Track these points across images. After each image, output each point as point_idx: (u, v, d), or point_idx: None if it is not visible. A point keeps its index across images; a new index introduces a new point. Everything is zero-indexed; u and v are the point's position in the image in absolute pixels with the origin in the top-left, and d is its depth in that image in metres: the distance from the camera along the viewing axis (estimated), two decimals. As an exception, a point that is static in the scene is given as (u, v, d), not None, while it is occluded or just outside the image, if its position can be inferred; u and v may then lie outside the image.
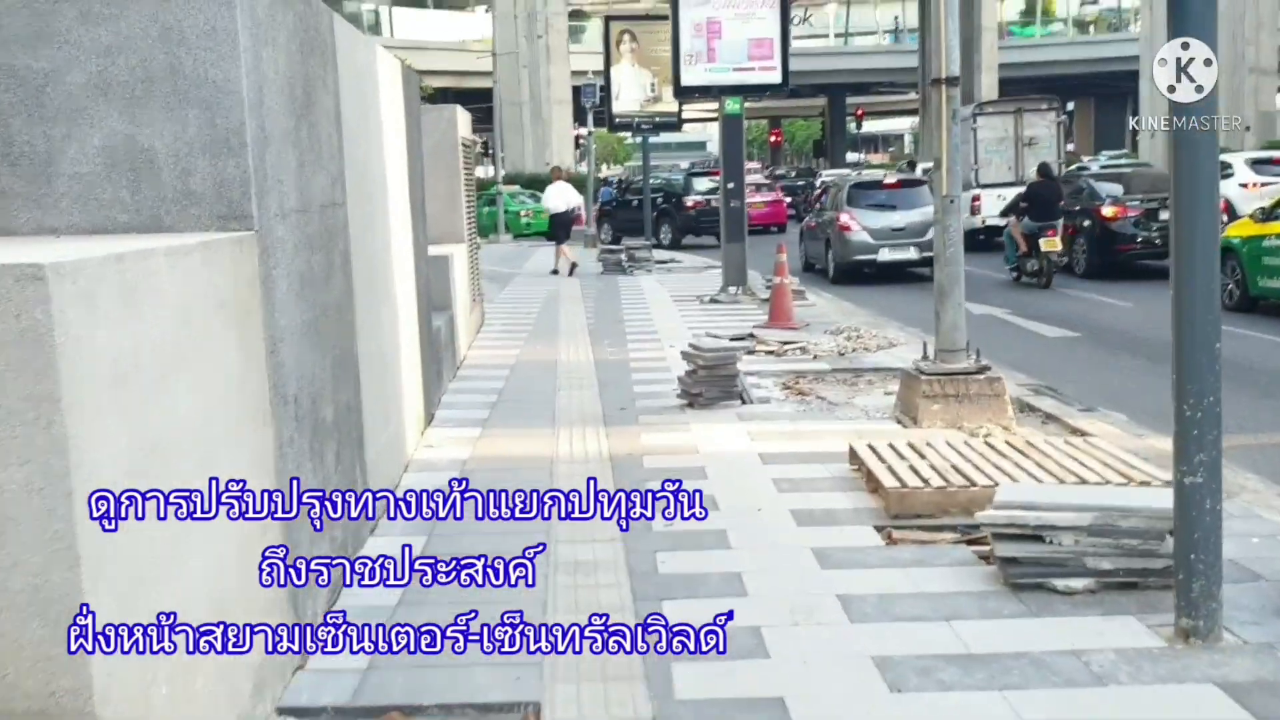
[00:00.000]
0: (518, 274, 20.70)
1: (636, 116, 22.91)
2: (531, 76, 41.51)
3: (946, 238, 7.49)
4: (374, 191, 5.87)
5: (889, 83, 60.87)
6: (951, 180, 7.44)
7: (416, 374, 7.18)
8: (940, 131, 7.35)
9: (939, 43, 7.30)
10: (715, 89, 14.77)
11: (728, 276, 15.30)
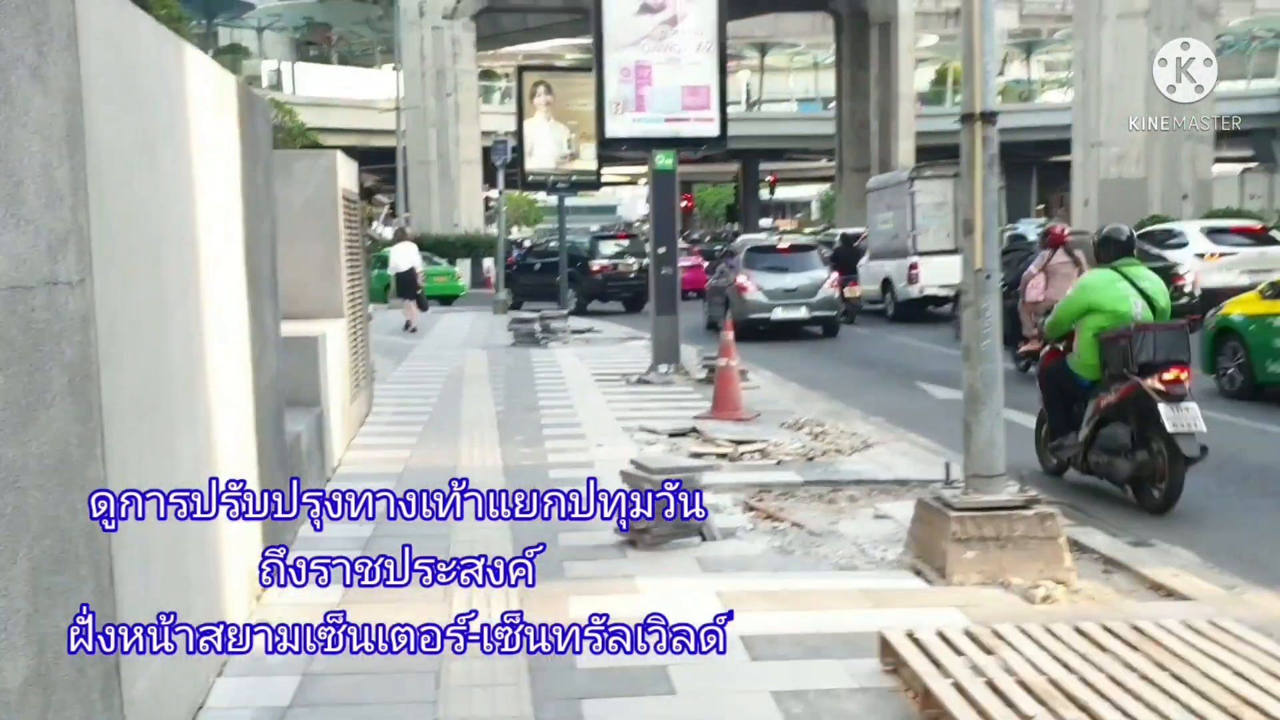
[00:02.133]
0: (416, 345, 18.56)
1: (552, 175, 21.05)
2: (440, 135, 39.57)
3: (979, 326, 5.63)
4: (165, 259, 3.82)
5: (801, 149, 60.26)
6: (987, 248, 5.62)
7: (243, 526, 5.07)
8: (972, 182, 5.54)
9: (973, 67, 5.51)
10: (646, 141, 12.95)
11: (658, 353, 13.38)
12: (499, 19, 45.22)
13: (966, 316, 5.75)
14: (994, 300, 5.66)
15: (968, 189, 5.62)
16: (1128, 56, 24.86)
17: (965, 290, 5.75)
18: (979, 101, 5.51)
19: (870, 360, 16.20)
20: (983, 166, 5.53)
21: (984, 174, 5.54)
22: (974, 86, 5.50)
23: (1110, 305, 7.46)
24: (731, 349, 10.54)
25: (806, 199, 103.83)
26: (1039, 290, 12.69)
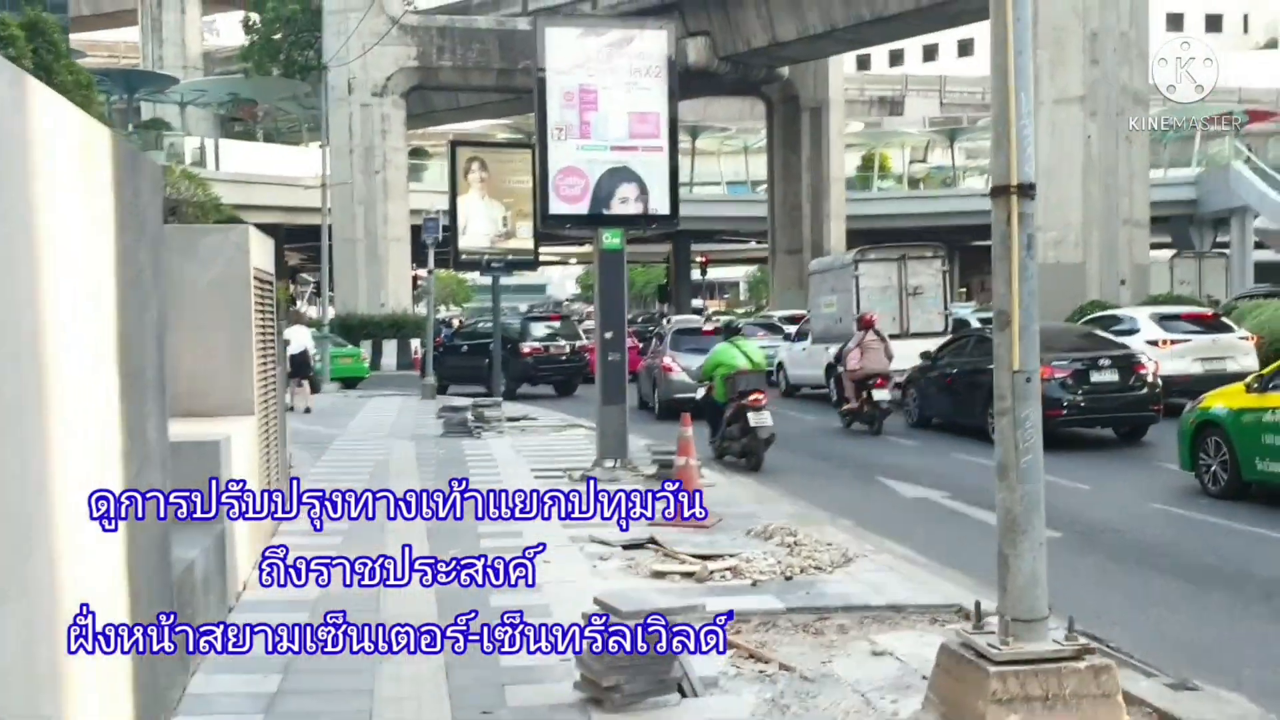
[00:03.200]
0: (340, 434, 17.34)
1: (486, 254, 20.07)
2: (367, 213, 38.58)
3: (1018, 438, 4.73)
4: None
5: (732, 231, 60.19)
6: (1026, 345, 4.74)
7: (109, 689, 3.94)
8: (1009, 266, 4.67)
9: (1008, 133, 4.67)
10: (592, 219, 12.06)
11: (604, 446, 12.35)
12: (430, 97, 44.58)
13: (1002, 427, 4.84)
14: (1035, 408, 4.78)
15: (1003, 275, 4.75)
16: (1064, 141, 24.75)
17: (1001, 396, 4.84)
18: (1015, 171, 4.66)
19: (823, 450, 15.36)
20: (1020, 248, 4.67)
21: (1022, 256, 4.67)
22: (1010, 154, 4.65)
23: (730, 361, 13.29)
24: (691, 446, 9.57)
25: (736, 280, 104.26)
26: (856, 361, 16.82)
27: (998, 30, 4.75)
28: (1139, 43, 24.87)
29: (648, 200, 11.92)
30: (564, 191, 11.72)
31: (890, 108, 67.90)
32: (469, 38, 39.59)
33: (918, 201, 57.40)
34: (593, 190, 11.82)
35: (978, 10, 34.65)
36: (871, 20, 34.36)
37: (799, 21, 35.98)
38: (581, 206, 11.76)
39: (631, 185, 11.89)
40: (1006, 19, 4.68)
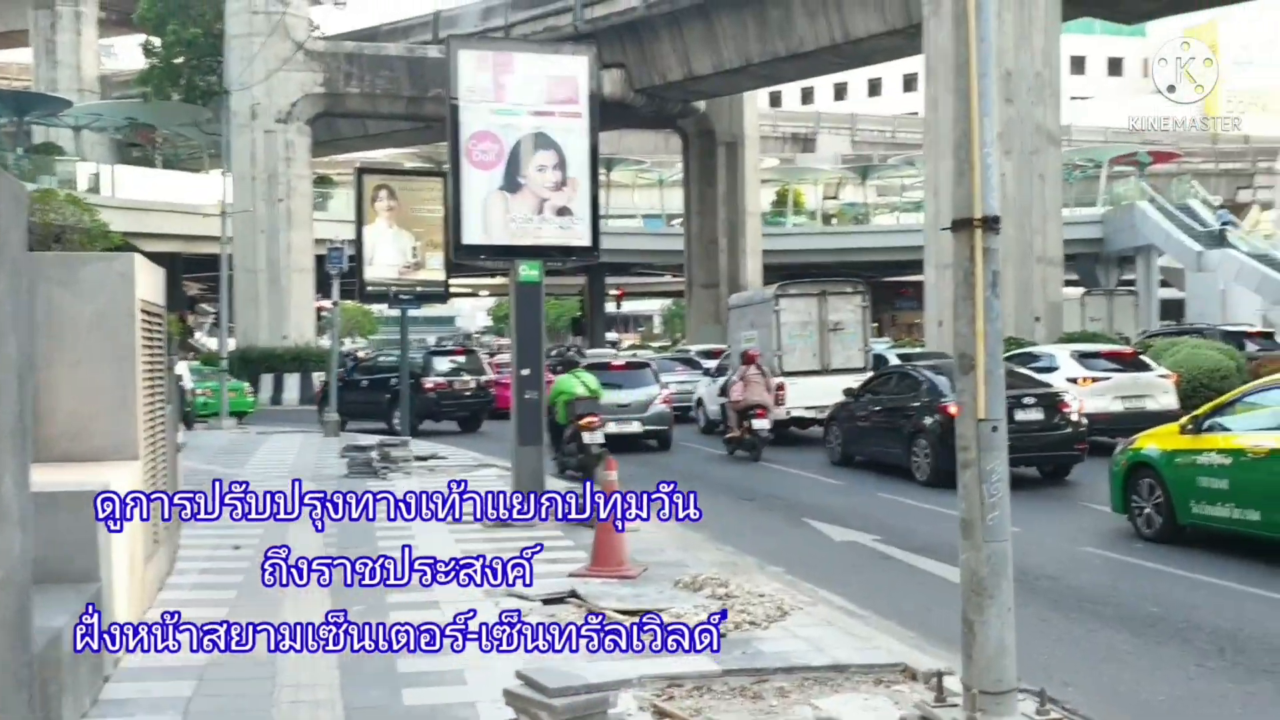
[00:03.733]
0: (238, 475, 16.44)
1: (394, 285, 19.33)
2: (270, 242, 37.42)
3: (983, 493, 4.31)
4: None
5: (646, 264, 59.98)
6: (993, 391, 4.33)
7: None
8: (972, 305, 4.27)
9: (971, 162, 4.28)
10: (509, 250, 11.53)
11: (520, 488, 11.77)
12: (336, 124, 43.67)
13: (966, 481, 4.42)
14: (1002, 459, 4.36)
15: (965, 315, 4.35)
16: (980, 179, 24.87)
17: (964, 447, 4.42)
18: (979, 203, 4.30)
19: (745, 489, 14.93)
20: (985, 285, 4.27)
21: (987, 295, 4.28)
22: (973, 184, 4.29)
23: (571, 390, 14.34)
24: (614, 487, 9.04)
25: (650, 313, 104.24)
26: (739, 393, 18.17)
27: (959, 51, 4.38)
28: (1052, 82, 25.14)
29: (565, 170, 11.47)
30: (476, 157, 11.20)
31: (803, 144, 68.51)
32: (378, 64, 38.83)
33: (831, 237, 57.86)
34: (508, 156, 11.32)
35: (890, 50, 35.11)
36: (787, 56, 34.43)
37: (714, 56, 35.95)
38: (496, 173, 11.24)
39: (549, 152, 11.42)
40: (970, 38, 4.32)
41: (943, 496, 13.55)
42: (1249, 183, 62.86)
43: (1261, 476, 9.07)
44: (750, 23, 34.59)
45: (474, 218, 11.27)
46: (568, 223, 11.48)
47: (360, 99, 39.12)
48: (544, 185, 11.45)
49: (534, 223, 11.37)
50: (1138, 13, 30.29)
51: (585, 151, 11.61)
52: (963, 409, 4.44)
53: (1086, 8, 28.41)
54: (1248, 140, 66.39)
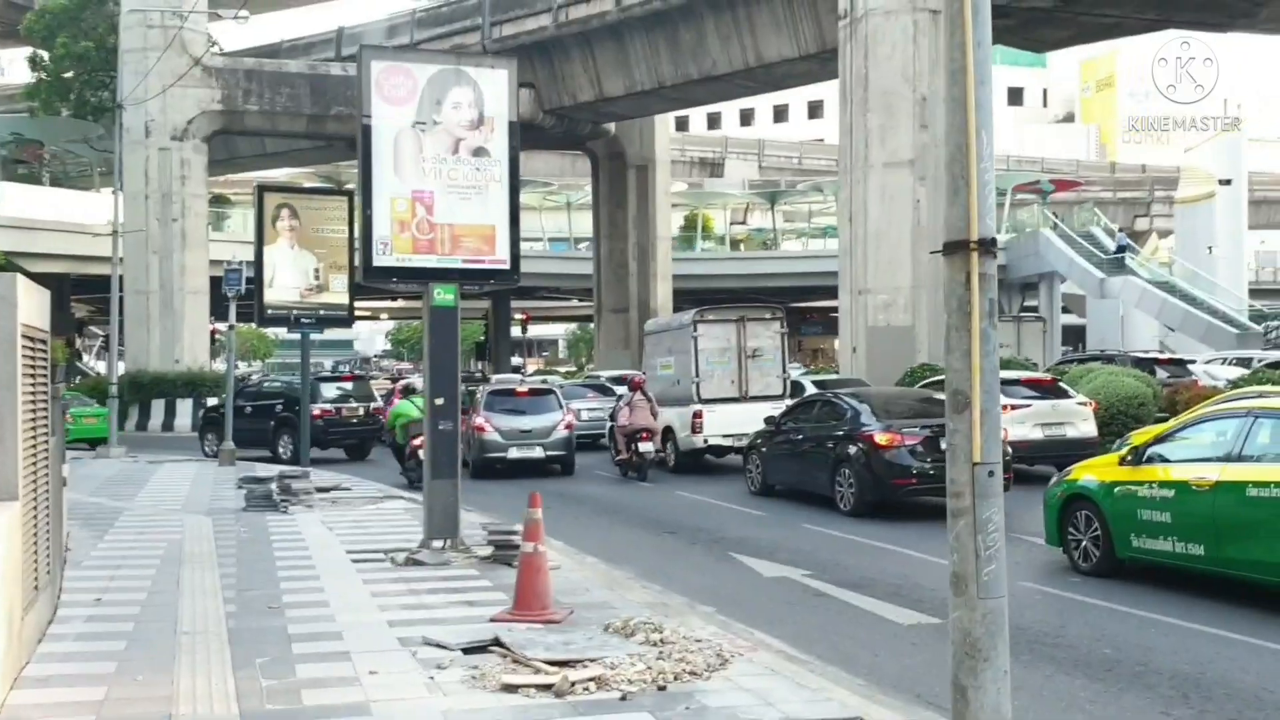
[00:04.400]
0: (126, 507, 15.45)
1: (295, 308, 18.45)
2: (163, 263, 36.00)
3: (978, 545, 3.85)
4: None
5: (554, 288, 59.39)
6: (988, 430, 3.87)
7: None
8: (968, 336, 3.82)
9: (967, 179, 3.83)
10: (423, 273, 10.89)
11: (433, 525, 11.09)
12: (234, 142, 42.34)
13: (959, 531, 3.97)
14: (998, 506, 3.91)
15: (960, 347, 3.89)
16: (894, 204, 24.85)
17: (956, 494, 3.96)
18: (975, 224, 3.85)
19: (666, 521, 14.42)
20: (981, 314, 3.82)
21: (983, 325, 3.83)
22: (969, 203, 3.84)
23: (409, 413, 16.96)
24: (539, 529, 8.44)
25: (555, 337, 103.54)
26: (626, 418, 19.18)
27: (954, 59, 3.95)
28: (964, 109, 25.24)
29: (483, 108, 10.92)
30: (387, 92, 10.58)
31: (711, 169, 68.60)
32: (278, 81, 37.74)
33: (740, 263, 57.99)
34: (422, 91, 10.73)
35: (803, 74, 35.13)
36: (699, 79, 34.24)
37: (626, 77, 35.62)
38: (409, 110, 10.66)
39: (465, 89, 10.86)
40: (966, 42, 3.88)
41: (869, 527, 13.22)
42: (1146, 211, 64.62)
43: (1206, 510, 8.83)
44: (663, 45, 34.36)
45: (384, 203, 10.64)
46: (484, 163, 10.94)
47: (260, 116, 37.98)
48: (459, 123, 10.94)
49: (448, 164, 10.80)
50: (1050, 41, 30.74)
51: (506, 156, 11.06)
52: (954, 451, 3.98)
53: (1000, 35, 28.67)
54: (1144, 169, 68.34)
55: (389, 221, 10.68)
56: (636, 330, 43.73)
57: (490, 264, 11.12)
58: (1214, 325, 38.69)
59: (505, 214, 11.12)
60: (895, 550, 11.78)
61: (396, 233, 10.72)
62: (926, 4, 24.82)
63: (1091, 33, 29.99)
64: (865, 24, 25.23)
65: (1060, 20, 28.17)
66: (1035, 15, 27.66)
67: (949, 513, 4.03)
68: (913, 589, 9.81)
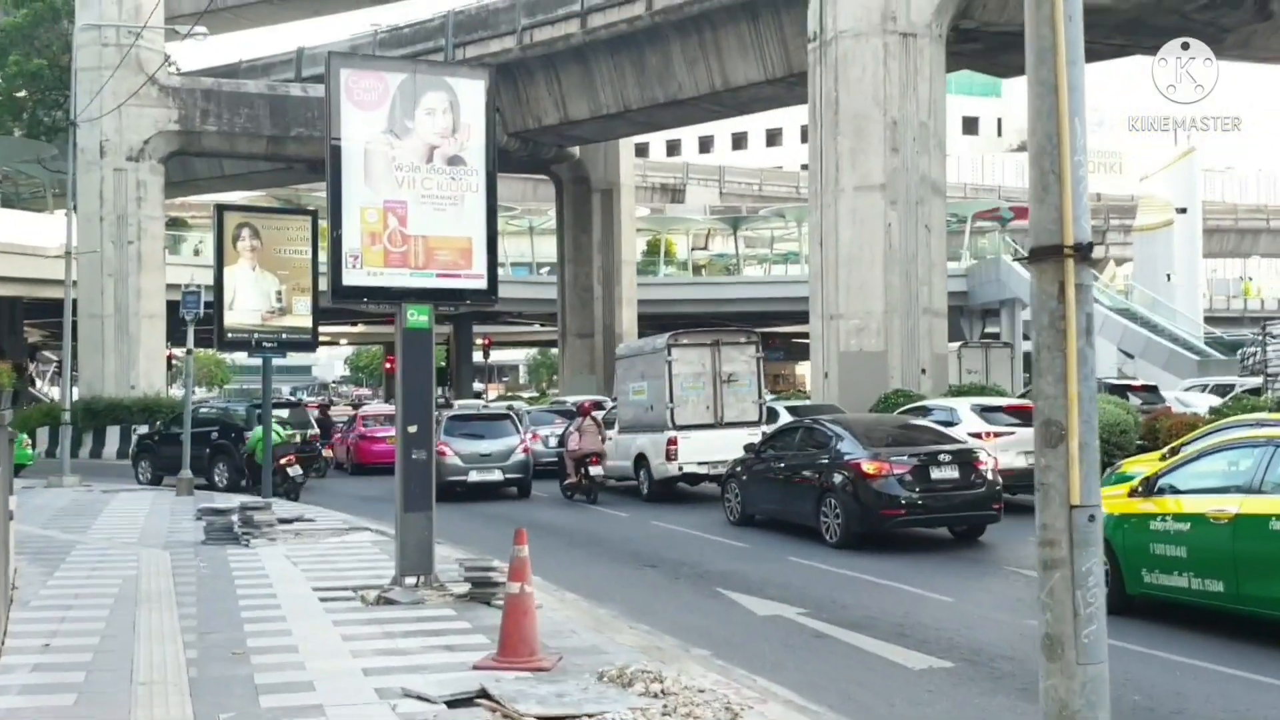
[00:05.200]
0: (79, 540, 14.69)
1: (256, 332, 17.75)
2: (118, 286, 35.04)
3: (1076, 600, 3.34)
4: None
5: (516, 313, 58.77)
6: (1088, 468, 3.38)
7: None
8: (1064, 357, 3.32)
9: (1060, 174, 3.35)
10: (394, 293, 10.34)
11: (405, 561, 10.48)
12: (191, 164, 41.51)
13: (1054, 586, 3.46)
14: (1097, 556, 3.41)
15: (1053, 370, 3.40)
16: (865, 229, 24.54)
17: (1050, 541, 3.46)
18: (1069, 226, 3.36)
19: (646, 554, 13.88)
20: (1079, 333, 3.33)
21: (1080, 345, 3.34)
22: (1062, 202, 3.35)
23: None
24: (527, 569, 7.88)
25: (516, 363, 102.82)
26: (576, 443, 19.74)
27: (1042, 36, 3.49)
28: (937, 132, 25.01)
29: (458, 115, 10.40)
30: (357, 96, 10.04)
31: (672, 195, 68.35)
32: (237, 102, 37.00)
33: (703, 287, 57.71)
34: (393, 95, 10.20)
35: (770, 99, 34.92)
36: (665, 103, 33.91)
37: (591, 101, 35.23)
38: (380, 115, 10.11)
39: (440, 94, 10.34)
40: (1055, 15, 3.42)
41: (858, 560, 12.74)
42: (1102, 239, 65.05)
43: (1225, 544, 8.42)
44: (629, 68, 34.02)
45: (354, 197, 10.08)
46: (459, 172, 10.43)
47: (218, 137, 37.20)
48: (433, 130, 10.42)
49: (421, 172, 10.28)
50: (1016, 66, 30.54)
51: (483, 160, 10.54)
52: (1047, 492, 3.49)
53: (966, 60, 28.62)
54: (1099, 198, 68.86)
55: (359, 233, 10.12)
56: (602, 355, 43.22)
57: (467, 279, 10.55)
58: (1175, 352, 38.80)
59: (482, 226, 10.58)
60: (890, 585, 11.30)
61: (367, 245, 10.16)
62: (897, 27, 24.63)
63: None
64: (835, 47, 24.98)
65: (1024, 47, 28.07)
66: (1003, 40, 27.53)
67: (1040, 564, 3.52)
68: (916, 628, 9.32)
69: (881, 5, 24.48)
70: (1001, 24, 26.29)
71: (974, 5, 25.46)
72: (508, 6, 36.13)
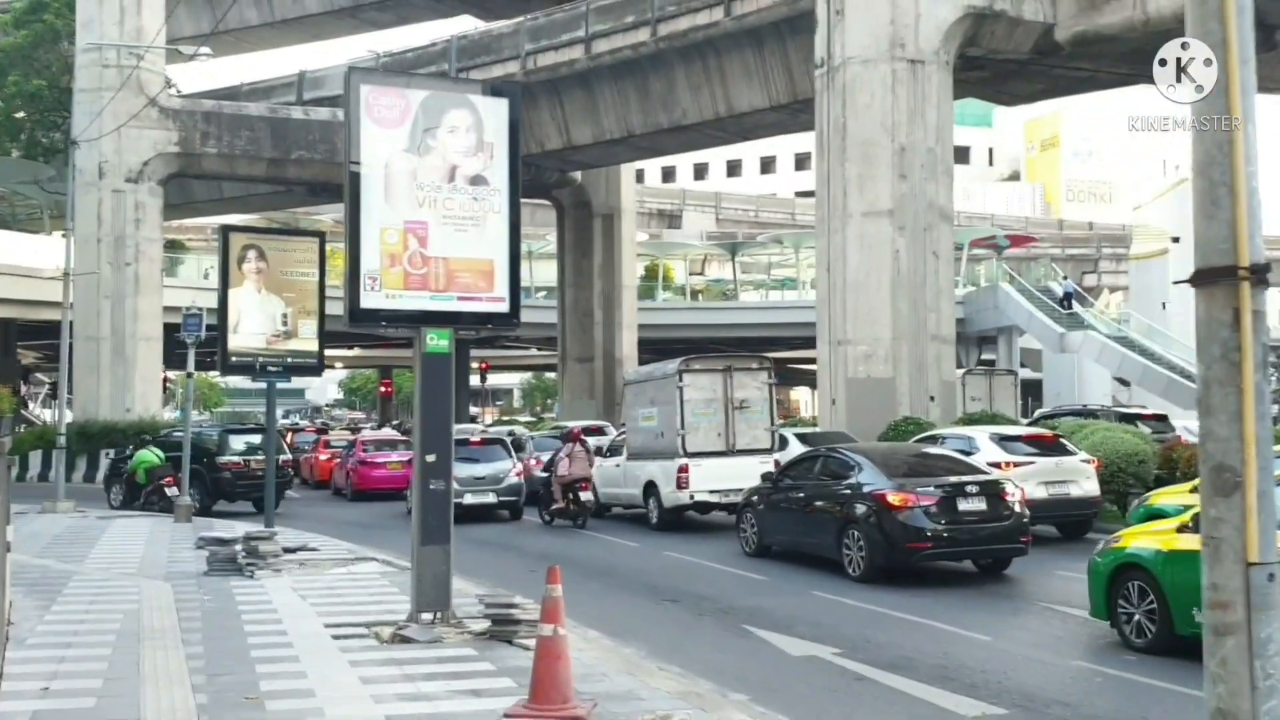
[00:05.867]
0: (76, 570, 14.25)
1: (261, 355, 17.34)
2: (115, 308, 34.64)
3: (1259, 671, 2.97)
4: None
5: (514, 336, 58.36)
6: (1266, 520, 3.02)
7: None
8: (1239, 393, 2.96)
9: (1232, 186, 3.00)
10: (414, 316, 9.97)
11: (422, 596, 10.07)
12: (190, 186, 41.22)
13: (1226, 655, 3.08)
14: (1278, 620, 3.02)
15: (1226, 407, 3.06)
16: (873, 254, 24.24)
17: (1222, 603, 3.08)
18: (1244, 245, 2.99)
19: (662, 587, 13.46)
20: (1256, 365, 2.96)
21: (1257, 380, 2.96)
22: (1235, 218, 2.99)
23: (150, 460, 22.47)
24: (560, 610, 7.48)
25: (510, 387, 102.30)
26: (566, 468, 19.66)
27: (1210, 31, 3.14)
28: (945, 159, 24.77)
29: (482, 133, 10.09)
30: (378, 113, 9.71)
31: (669, 220, 68.25)
32: (238, 124, 36.72)
33: (700, 313, 57.43)
34: (415, 113, 9.86)
35: (773, 125, 34.74)
36: (669, 128, 33.69)
37: (595, 126, 35.00)
38: (401, 133, 9.79)
39: (463, 112, 10.02)
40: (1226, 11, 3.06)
41: (884, 595, 12.34)
42: (1094, 268, 65.07)
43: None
44: (632, 94, 33.80)
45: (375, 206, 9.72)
46: (482, 193, 10.12)
47: (218, 159, 36.90)
48: (454, 150, 10.10)
49: (443, 192, 9.97)
50: (1021, 94, 30.52)
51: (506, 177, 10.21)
52: (1219, 547, 3.12)
53: (972, 88, 28.43)
54: (1091, 227, 68.87)
55: (379, 254, 9.76)
56: (602, 380, 42.83)
57: (488, 302, 10.21)
58: (1174, 380, 38.44)
59: (505, 248, 10.24)
60: (923, 623, 10.89)
61: (386, 267, 9.80)
62: (905, 54, 24.42)
63: (1064, 87, 29.80)
64: (843, 73, 24.75)
65: (1033, 73, 27.93)
66: (1009, 68, 27.41)
67: (1209, 629, 3.13)
68: (959, 670, 8.92)
69: (890, 32, 24.27)
70: (1008, 51, 26.14)
71: (981, 33, 25.28)
72: (512, 32, 35.95)
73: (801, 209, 74.47)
